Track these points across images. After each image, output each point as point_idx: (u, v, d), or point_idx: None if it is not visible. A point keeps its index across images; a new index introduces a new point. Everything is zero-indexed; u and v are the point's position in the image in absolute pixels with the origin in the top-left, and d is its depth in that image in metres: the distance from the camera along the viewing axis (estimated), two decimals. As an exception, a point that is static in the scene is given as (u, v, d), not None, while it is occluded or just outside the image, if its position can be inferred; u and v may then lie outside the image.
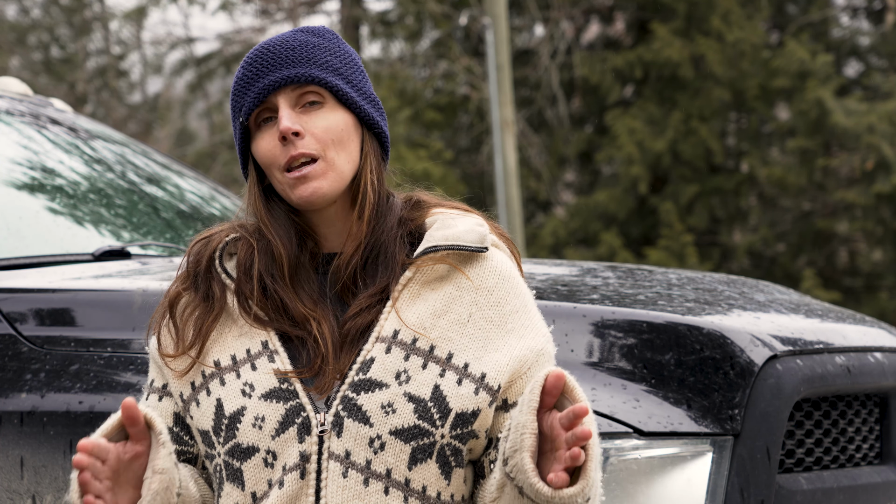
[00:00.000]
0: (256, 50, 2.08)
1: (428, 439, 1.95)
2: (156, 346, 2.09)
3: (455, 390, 1.96)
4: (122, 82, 22.15)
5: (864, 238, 15.95)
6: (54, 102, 4.07)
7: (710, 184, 15.69)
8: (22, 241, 3.25)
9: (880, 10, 17.36)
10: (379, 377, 1.96)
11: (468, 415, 1.97)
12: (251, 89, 2.05)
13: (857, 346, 2.77)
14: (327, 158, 2.02)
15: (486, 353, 1.99)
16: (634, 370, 2.48)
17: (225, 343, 2.04)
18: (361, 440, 1.94)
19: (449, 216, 2.08)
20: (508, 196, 13.39)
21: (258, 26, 19.97)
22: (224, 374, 2.02)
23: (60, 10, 21.27)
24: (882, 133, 14.59)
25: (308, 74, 2.04)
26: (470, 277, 2.03)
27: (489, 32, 13.60)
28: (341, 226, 2.07)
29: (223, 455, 1.99)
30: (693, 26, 15.80)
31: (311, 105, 2.05)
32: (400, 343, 1.98)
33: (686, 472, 2.42)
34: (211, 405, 2.01)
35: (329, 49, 2.08)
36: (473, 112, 17.08)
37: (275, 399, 1.97)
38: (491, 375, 1.98)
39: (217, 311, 2.05)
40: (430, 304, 2.01)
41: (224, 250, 2.08)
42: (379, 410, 1.95)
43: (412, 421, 1.94)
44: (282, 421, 1.96)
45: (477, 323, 2.01)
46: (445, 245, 2.02)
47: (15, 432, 2.63)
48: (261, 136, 2.06)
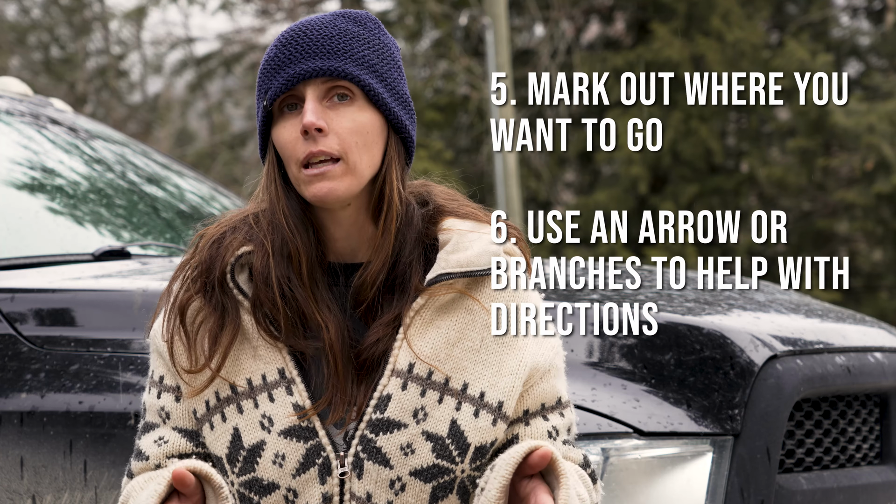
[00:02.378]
0: (292, 30, 1.96)
1: (448, 476, 1.93)
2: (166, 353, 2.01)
3: (472, 423, 1.93)
4: (122, 82, 22.14)
5: (864, 238, 15.96)
6: (54, 102, 4.07)
7: (710, 184, 15.69)
8: (22, 241, 3.25)
9: (880, 10, 17.36)
10: (397, 417, 1.93)
11: (487, 446, 1.95)
12: (280, 73, 1.94)
13: (857, 346, 2.77)
14: (349, 161, 1.93)
15: (501, 378, 1.96)
16: (634, 370, 2.48)
17: (240, 364, 1.97)
18: (382, 482, 1.92)
19: (463, 234, 1.99)
20: (508, 196, 13.39)
21: (258, 26, 19.98)
22: (241, 401, 1.96)
23: (60, 10, 21.27)
24: (882, 133, 14.58)
25: (341, 69, 1.93)
26: (482, 303, 1.98)
27: (489, 32, 13.60)
28: (352, 229, 2.00)
29: (238, 485, 1.96)
30: (693, 26, 15.80)
31: (339, 100, 1.94)
32: (416, 378, 1.94)
33: (686, 472, 2.42)
34: (227, 432, 1.97)
35: (368, 42, 1.97)
36: (473, 112, 17.08)
37: (294, 438, 1.94)
38: (507, 403, 1.95)
39: (234, 331, 1.97)
40: (443, 333, 1.96)
41: (235, 265, 1.99)
42: (398, 452, 1.92)
43: (431, 461, 1.92)
44: (302, 461, 1.93)
45: (489, 347, 1.96)
46: (460, 273, 1.95)
47: (15, 432, 2.62)
48: (283, 123, 1.95)
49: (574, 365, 2.45)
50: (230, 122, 21.52)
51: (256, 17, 20.13)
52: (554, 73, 16.76)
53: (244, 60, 19.95)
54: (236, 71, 20.18)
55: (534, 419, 1.98)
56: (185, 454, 2.00)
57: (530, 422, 1.98)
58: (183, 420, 2.01)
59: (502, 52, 13.56)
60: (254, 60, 19.79)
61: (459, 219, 2.02)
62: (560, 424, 2.00)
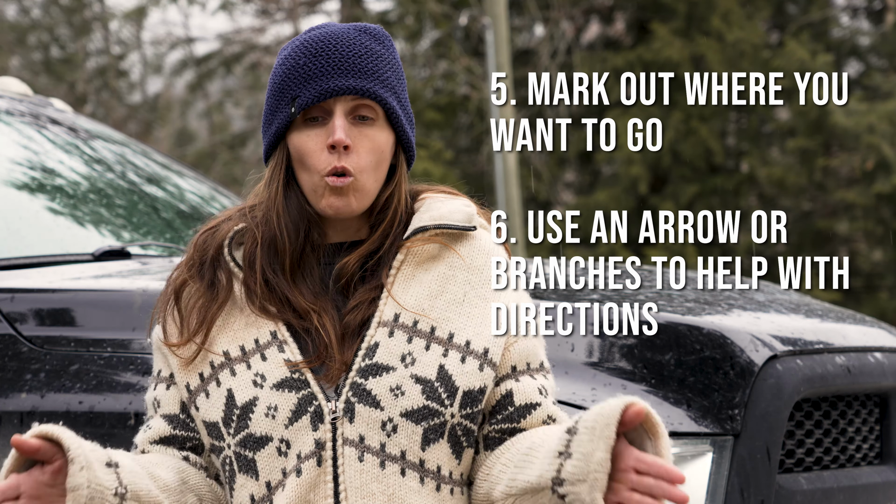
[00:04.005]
0: (320, 40, 2.06)
1: (438, 419, 1.97)
2: (160, 336, 2.09)
3: (460, 368, 1.99)
4: (122, 82, 22.14)
5: (864, 238, 15.96)
6: (54, 102, 4.07)
7: (710, 184, 15.69)
8: (22, 241, 3.25)
9: (880, 10, 17.36)
10: (385, 361, 1.99)
11: (476, 392, 1.99)
12: (312, 84, 2.03)
13: (857, 346, 2.77)
14: (360, 179, 2.03)
15: (485, 328, 2.02)
16: (634, 370, 2.48)
17: (232, 332, 2.05)
18: (374, 424, 1.96)
19: (436, 199, 2.11)
20: (508, 196, 13.39)
21: (258, 26, 19.97)
22: (234, 365, 2.03)
23: (60, 10, 21.26)
24: (882, 133, 14.58)
25: (372, 91, 2.04)
26: (462, 256, 2.05)
27: (489, 32, 13.60)
28: (350, 222, 2.09)
29: (234, 446, 2.00)
30: (693, 26, 15.80)
31: (361, 119, 2.04)
32: (402, 326, 2.01)
33: (686, 472, 2.42)
34: (221, 396, 2.02)
35: (389, 62, 2.08)
36: (473, 112, 17.08)
37: (286, 388, 1.99)
38: (493, 350, 2.01)
39: (222, 299, 2.06)
40: (425, 286, 2.04)
41: (233, 239, 2.09)
42: (388, 393, 1.97)
43: (421, 402, 1.97)
44: (294, 410, 1.98)
45: (472, 301, 2.03)
46: (434, 225, 2.05)
47: (15, 432, 2.62)
48: (305, 131, 2.05)
49: (574, 365, 2.46)
50: (230, 122, 21.52)
51: (256, 17, 20.13)
52: (554, 73, 16.74)
53: (244, 60, 19.95)
54: (236, 71, 20.18)
55: (522, 376, 2.04)
56: (165, 437, 2.07)
57: (520, 378, 2.04)
58: (170, 405, 2.08)
59: (502, 52, 13.56)
60: (254, 60, 19.79)
61: (432, 192, 2.14)
62: (547, 385, 2.07)
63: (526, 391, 2.03)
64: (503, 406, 2.03)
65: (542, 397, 2.04)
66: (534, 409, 2.03)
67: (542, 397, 2.04)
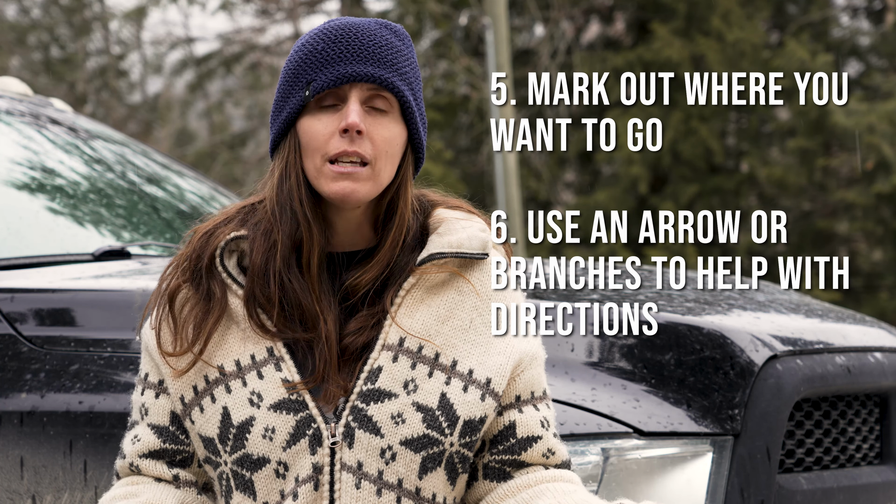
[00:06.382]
0: (339, 28, 2.00)
1: (437, 448, 1.95)
2: (153, 342, 2.05)
3: (462, 397, 1.97)
4: (122, 82, 22.14)
5: (864, 238, 15.96)
6: (54, 102, 4.07)
7: (710, 184, 15.69)
8: (22, 241, 3.25)
9: (880, 10, 17.36)
10: (387, 387, 1.96)
11: (476, 422, 1.98)
12: (329, 69, 1.97)
13: (857, 346, 2.77)
14: (375, 167, 1.97)
15: (489, 357, 2.00)
16: (634, 370, 2.48)
17: (228, 346, 2.00)
18: (373, 451, 1.94)
19: (454, 221, 2.05)
20: (508, 196, 13.39)
21: (258, 26, 19.97)
22: (229, 381, 1.99)
23: (60, 10, 21.26)
24: (882, 133, 14.58)
25: (389, 81, 1.98)
26: (473, 283, 2.02)
27: (489, 32, 13.60)
28: (352, 227, 2.03)
29: (230, 464, 1.98)
30: (693, 26, 15.80)
31: (375, 110, 1.99)
32: (406, 351, 1.97)
33: (686, 472, 2.42)
34: (216, 413, 1.99)
35: (408, 58, 2.03)
36: (473, 112, 17.08)
37: (284, 410, 1.96)
38: (496, 381, 1.99)
39: (218, 313, 2.00)
40: (433, 310, 2.00)
41: (225, 248, 2.02)
42: (389, 421, 1.94)
43: (421, 430, 1.95)
44: (293, 433, 1.95)
45: (478, 329, 2.01)
46: (452, 253, 2.01)
47: (15, 432, 2.63)
48: (317, 117, 1.98)
49: (574, 365, 2.45)
50: (230, 122, 21.52)
51: (256, 17, 20.13)
52: (554, 73, 16.74)
53: (244, 60, 19.96)
54: (236, 71, 20.18)
55: (526, 407, 2.03)
56: (154, 451, 2.05)
57: (523, 409, 2.02)
58: (159, 416, 2.05)
59: (502, 52, 13.56)
60: (254, 60, 19.79)
61: (449, 209, 2.08)
62: (549, 416, 2.06)
63: (528, 424, 2.02)
64: (505, 437, 2.02)
65: (543, 430, 2.03)
66: (535, 443, 2.02)
67: (543, 430, 2.03)
